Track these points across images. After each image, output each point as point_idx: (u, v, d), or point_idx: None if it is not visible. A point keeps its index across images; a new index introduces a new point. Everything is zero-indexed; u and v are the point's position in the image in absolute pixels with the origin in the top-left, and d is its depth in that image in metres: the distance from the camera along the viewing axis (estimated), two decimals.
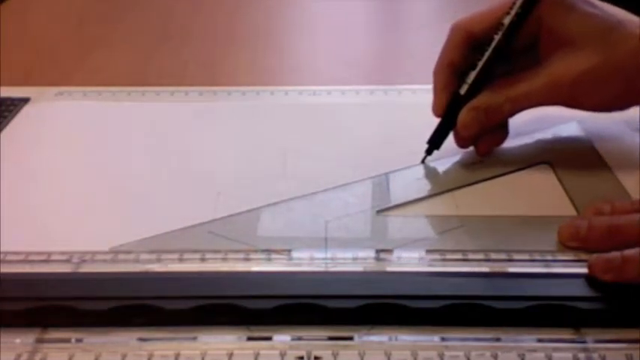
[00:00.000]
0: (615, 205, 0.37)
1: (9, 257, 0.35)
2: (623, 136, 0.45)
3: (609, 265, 0.32)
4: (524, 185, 0.41)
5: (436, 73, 0.43)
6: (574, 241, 0.35)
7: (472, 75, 0.41)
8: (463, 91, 0.42)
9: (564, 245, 0.35)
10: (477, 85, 0.41)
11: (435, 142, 0.43)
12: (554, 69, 0.40)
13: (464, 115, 0.42)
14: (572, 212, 0.38)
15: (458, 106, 0.42)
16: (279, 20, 0.73)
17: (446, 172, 0.42)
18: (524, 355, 0.29)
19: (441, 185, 0.41)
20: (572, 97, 0.41)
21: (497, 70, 0.42)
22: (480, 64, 0.41)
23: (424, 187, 0.41)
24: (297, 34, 0.69)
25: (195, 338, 0.30)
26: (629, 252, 0.32)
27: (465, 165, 0.43)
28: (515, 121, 0.43)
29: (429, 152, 0.43)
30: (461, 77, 0.42)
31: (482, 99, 0.42)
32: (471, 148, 0.43)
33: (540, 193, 0.40)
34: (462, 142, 0.43)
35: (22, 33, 0.67)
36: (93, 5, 0.74)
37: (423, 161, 0.43)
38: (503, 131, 0.43)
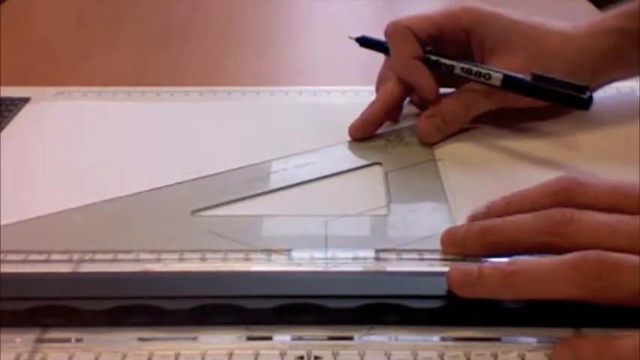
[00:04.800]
0: (490, 206, 0.36)
1: (9, 257, 0.35)
2: None
3: (466, 280, 0.30)
4: None
5: (409, 67, 0.45)
6: (453, 247, 0.34)
7: None
8: None
9: (445, 252, 0.35)
10: None
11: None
12: None
13: (423, 124, 0.45)
14: None
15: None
16: (279, 20, 0.73)
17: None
18: (524, 355, 0.29)
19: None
20: (514, 97, 0.43)
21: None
22: None
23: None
24: (297, 34, 0.69)
25: (195, 338, 0.30)
26: (486, 266, 0.30)
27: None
28: None
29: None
30: None
31: (438, 107, 0.45)
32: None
33: None
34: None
35: (22, 33, 0.67)
36: (93, 5, 0.74)
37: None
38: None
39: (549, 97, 0.41)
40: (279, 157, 0.43)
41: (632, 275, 0.28)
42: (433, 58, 0.45)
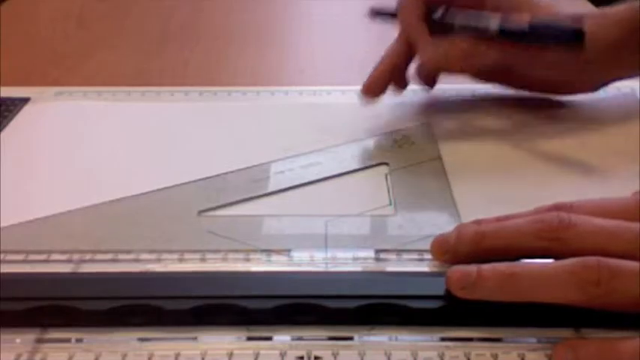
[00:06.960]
0: (478, 220, 0.35)
1: (9, 257, 0.35)
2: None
3: (465, 281, 0.30)
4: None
5: (410, 27, 0.45)
6: (444, 254, 0.34)
7: None
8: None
9: (436, 259, 0.34)
10: None
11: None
12: None
13: (430, 50, 0.44)
14: None
15: None
16: (279, 20, 0.73)
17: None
18: (524, 355, 0.29)
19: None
20: (513, 52, 0.43)
21: None
22: None
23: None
24: (297, 34, 0.69)
25: (195, 338, 0.30)
26: (485, 268, 0.30)
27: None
28: None
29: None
30: None
31: (445, 44, 0.44)
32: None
33: None
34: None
35: (22, 33, 0.67)
36: (93, 5, 0.74)
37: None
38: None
39: (544, 39, 0.41)
40: (282, 157, 0.43)
41: (632, 282, 0.28)
42: (435, 17, 0.45)
